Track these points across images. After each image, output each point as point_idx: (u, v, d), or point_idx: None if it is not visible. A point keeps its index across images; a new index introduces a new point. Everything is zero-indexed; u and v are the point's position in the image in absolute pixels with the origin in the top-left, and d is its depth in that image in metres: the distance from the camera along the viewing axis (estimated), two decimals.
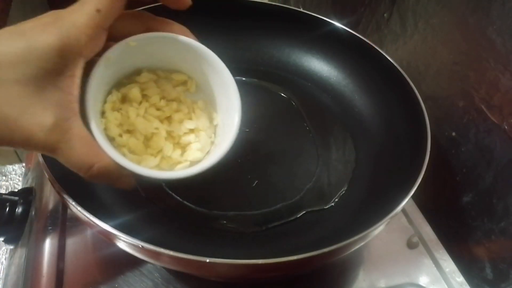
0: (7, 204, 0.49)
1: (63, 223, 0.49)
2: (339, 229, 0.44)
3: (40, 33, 0.27)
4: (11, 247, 0.53)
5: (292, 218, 0.46)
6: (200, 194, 0.48)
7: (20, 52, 0.26)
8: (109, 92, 0.35)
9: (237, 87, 0.40)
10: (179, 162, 0.37)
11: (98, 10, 0.28)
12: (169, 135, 0.37)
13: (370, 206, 0.45)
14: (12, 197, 0.51)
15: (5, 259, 0.62)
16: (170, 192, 0.47)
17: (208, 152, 0.38)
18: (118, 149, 0.33)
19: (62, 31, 0.27)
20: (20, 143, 0.27)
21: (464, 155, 0.53)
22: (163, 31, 0.34)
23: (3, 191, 0.75)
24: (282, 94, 0.61)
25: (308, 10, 0.62)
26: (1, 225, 0.49)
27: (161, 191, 0.47)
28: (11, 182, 0.78)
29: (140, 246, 0.33)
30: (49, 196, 0.52)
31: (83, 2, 0.29)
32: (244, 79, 0.63)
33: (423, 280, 0.48)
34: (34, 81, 0.26)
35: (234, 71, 0.63)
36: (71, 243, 0.47)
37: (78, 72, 0.29)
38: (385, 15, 0.64)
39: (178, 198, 0.47)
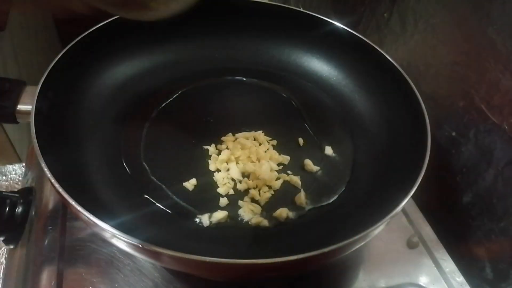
0: (7, 201, 0.49)
1: (63, 223, 0.49)
2: (339, 229, 0.44)
3: None
4: (11, 247, 0.53)
5: (293, 218, 0.47)
6: (201, 194, 0.48)
7: None
8: None
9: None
10: None
11: None
12: None
13: (370, 206, 0.45)
14: (12, 194, 0.51)
15: (5, 259, 0.62)
16: (170, 193, 0.47)
17: None
18: None
19: None
20: None
21: (464, 155, 0.53)
22: None
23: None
24: (282, 94, 0.61)
25: (308, 10, 0.62)
26: (1, 224, 0.49)
27: (161, 191, 0.47)
28: (11, 182, 0.78)
29: (140, 246, 0.33)
30: (49, 196, 0.52)
31: None
32: (244, 79, 0.63)
33: (423, 280, 0.48)
34: None
35: (234, 71, 0.63)
36: (71, 243, 0.47)
37: None
38: (385, 15, 0.64)
39: (177, 199, 0.47)
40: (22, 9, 0.26)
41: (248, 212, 0.46)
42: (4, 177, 0.77)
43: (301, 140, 0.55)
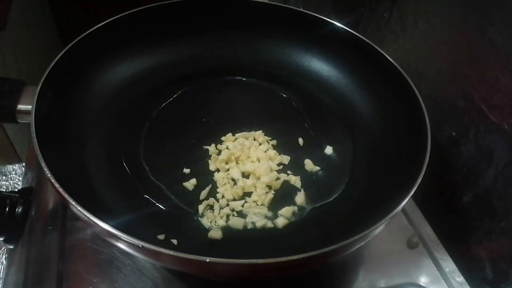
0: (7, 201, 0.49)
1: (63, 223, 0.49)
2: (339, 229, 0.44)
3: None
4: (11, 247, 0.53)
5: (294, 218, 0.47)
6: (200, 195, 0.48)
7: None
8: None
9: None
10: None
11: None
12: None
13: (370, 206, 0.45)
14: (13, 194, 0.51)
15: (5, 259, 0.62)
16: (170, 193, 0.47)
17: None
18: None
19: None
20: None
21: (464, 155, 0.53)
22: None
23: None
24: (282, 94, 0.61)
25: (308, 10, 0.62)
26: (1, 224, 0.49)
27: (161, 191, 0.47)
28: (11, 182, 0.78)
29: (140, 246, 0.33)
30: (49, 196, 0.52)
31: None
32: (244, 79, 0.63)
33: (423, 280, 0.48)
34: None
35: (234, 71, 0.63)
36: (71, 243, 0.47)
37: None
38: (385, 15, 0.64)
39: (177, 199, 0.47)
40: None
41: (251, 214, 0.46)
42: (4, 177, 0.77)
43: (301, 140, 0.55)
